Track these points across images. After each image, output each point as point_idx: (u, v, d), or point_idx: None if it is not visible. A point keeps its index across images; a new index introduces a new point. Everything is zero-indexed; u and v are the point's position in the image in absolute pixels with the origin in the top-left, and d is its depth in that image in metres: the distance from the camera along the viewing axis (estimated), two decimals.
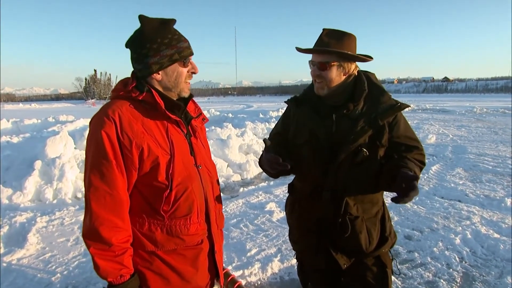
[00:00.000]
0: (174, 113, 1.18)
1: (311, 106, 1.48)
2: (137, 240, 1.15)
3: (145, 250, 1.16)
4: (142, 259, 1.16)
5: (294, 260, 2.26)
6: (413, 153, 1.40)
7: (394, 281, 2.43)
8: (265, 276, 2.60)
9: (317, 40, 1.39)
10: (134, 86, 1.14)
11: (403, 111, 1.42)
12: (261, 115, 14.75)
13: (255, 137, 7.92)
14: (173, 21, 1.15)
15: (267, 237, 3.21)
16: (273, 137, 1.64)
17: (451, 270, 2.63)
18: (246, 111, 20.95)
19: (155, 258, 1.17)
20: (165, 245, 1.16)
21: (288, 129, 1.57)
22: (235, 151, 6.30)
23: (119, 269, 1.08)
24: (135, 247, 1.14)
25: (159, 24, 1.13)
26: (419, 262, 2.76)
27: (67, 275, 2.61)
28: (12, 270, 2.68)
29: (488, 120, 14.03)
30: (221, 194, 1.44)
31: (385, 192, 1.55)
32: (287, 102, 1.60)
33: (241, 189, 4.95)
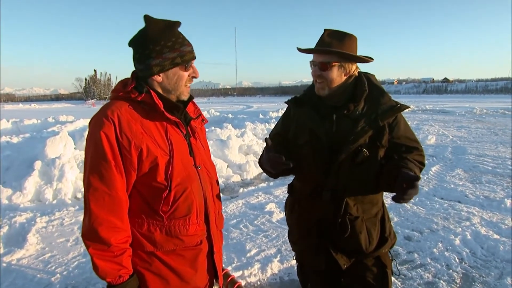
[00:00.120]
0: (173, 114, 1.18)
1: (311, 106, 1.48)
2: (136, 240, 1.14)
3: (144, 250, 1.15)
4: (141, 260, 1.16)
5: (294, 261, 2.26)
6: (413, 154, 1.40)
7: (394, 281, 2.42)
8: (265, 276, 2.60)
9: (319, 41, 1.39)
10: (133, 87, 1.14)
11: (403, 112, 1.42)
12: (261, 116, 14.73)
13: (255, 138, 7.92)
14: (178, 24, 1.15)
15: (266, 237, 3.21)
16: (273, 137, 1.63)
17: (450, 271, 2.62)
18: (246, 111, 20.92)
19: (154, 259, 1.16)
20: (164, 246, 1.16)
21: (288, 130, 1.57)
22: (235, 151, 6.30)
23: (118, 269, 1.08)
24: (134, 247, 1.14)
25: (163, 26, 1.12)
26: (419, 263, 2.76)
27: (66, 275, 2.61)
28: (11, 270, 2.68)
29: (488, 121, 14.03)
30: (220, 195, 1.44)
31: (384, 193, 1.55)
32: (287, 102, 1.60)
33: (241, 190, 4.95)
